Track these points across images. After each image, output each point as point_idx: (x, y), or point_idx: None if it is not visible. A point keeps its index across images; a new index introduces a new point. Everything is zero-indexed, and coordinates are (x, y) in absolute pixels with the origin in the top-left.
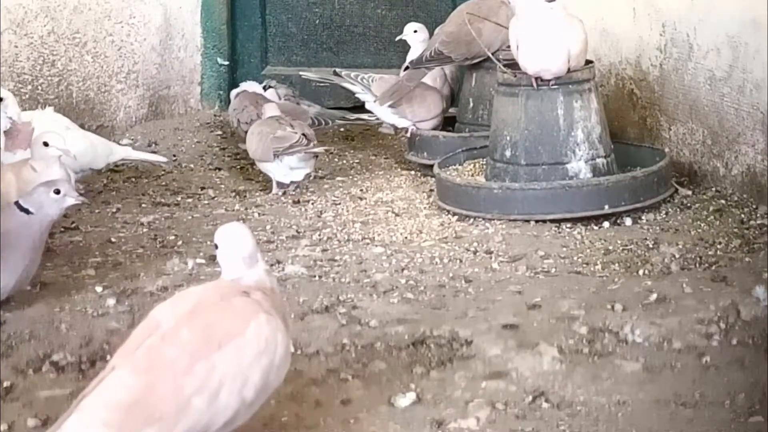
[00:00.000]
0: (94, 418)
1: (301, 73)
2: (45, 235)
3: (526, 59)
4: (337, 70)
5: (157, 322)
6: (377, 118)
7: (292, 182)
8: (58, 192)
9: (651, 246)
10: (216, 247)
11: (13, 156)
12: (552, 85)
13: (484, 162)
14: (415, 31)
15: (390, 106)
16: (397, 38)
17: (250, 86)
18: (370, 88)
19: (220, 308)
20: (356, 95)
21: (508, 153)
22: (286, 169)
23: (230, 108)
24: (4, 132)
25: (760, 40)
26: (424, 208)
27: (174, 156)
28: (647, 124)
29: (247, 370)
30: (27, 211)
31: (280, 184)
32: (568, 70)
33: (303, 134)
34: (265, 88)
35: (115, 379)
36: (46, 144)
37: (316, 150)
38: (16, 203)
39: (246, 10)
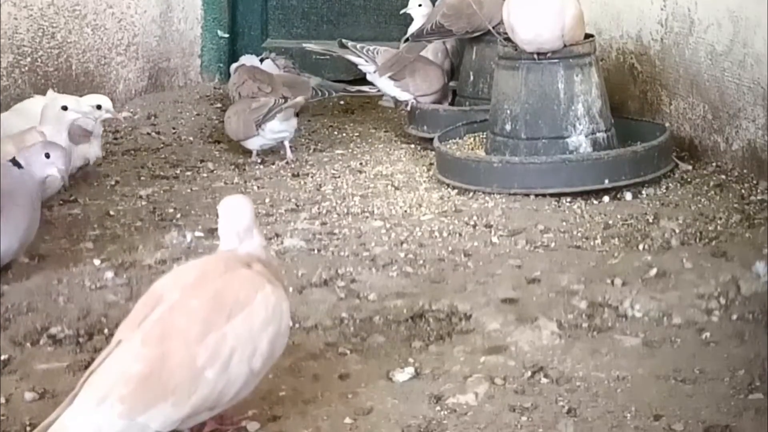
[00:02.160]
0: (108, 393)
1: (304, 44)
2: (39, 194)
3: (519, 38)
4: (343, 41)
5: (159, 295)
6: (378, 90)
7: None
8: (48, 156)
9: (651, 221)
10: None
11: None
12: (552, 59)
13: (485, 136)
14: (420, 5)
15: (393, 78)
16: (402, 11)
17: (249, 60)
18: (375, 59)
19: (227, 279)
20: (359, 67)
21: (508, 127)
22: (270, 136)
23: (230, 82)
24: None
25: (760, 14)
26: (424, 181)
27: (173, 129)
28: (648, 99)
29: (256, 340)
30: (19, 165)
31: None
32: (565, 45)
33: (278, 98)
34: (261, 60)
35: (126, 352)
36: (65, 108)
37: (292, 103)
38: (12, 159)
39: None
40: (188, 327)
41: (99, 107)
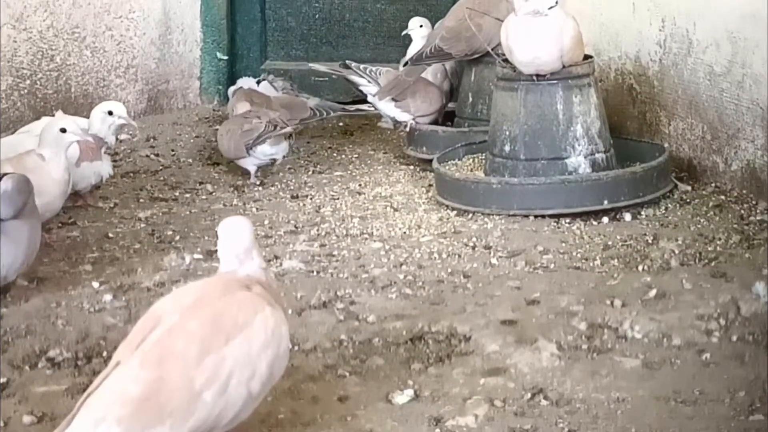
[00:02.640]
0: (105, 415)
1: (310, 65)
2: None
3: (518, 59)
4: (347, 62)
5: (158, 317)
6: (378, 111)
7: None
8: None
9: (650, 241)
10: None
11: (76, 169)
12: (551, 80)
13: (483, 157)
14: (421, 26)
15: (393, 99)
16: (403, 33)
17: (246, 82)
18: (378, 80)
19: (226, 301)
20: (361, 87)
21: (507, 148)
22: (262, 158)
23: (229, 105)
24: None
25: (759, 34)
26: (423, 203)
27: (172, 151)
28: (647, 119)
29: (255, 362)
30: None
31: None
32: (564, 66)
33: (268, 121)
34: (258, 83)
35: (124, 373)
36: (63, 130)
37: (282, 132)
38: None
39: (245, 4)
40: (186, 349)
41: (110, 113)
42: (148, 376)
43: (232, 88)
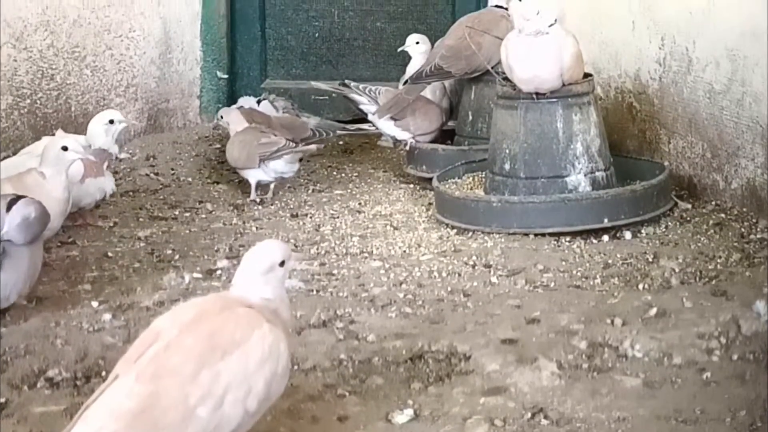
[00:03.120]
0: (101, 428)
1: (311, 82)
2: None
3: (518, 78)
4: (346, 81)
5: (158, 332)
6: (377, 129)
7: (275, 181)
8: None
9: (651, 260)
10: None
11: (81, 186)
12: (551, 98)
13: (483, 175)
14: (417, 43)
15: (393, 118)
16: (399, 49)
17: (246, 102)
18: (377, 99)
19: (224, 317)
20: (360, 106)
21: (507, 166)
22: (271, 174)
23: (224, 124)
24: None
25: (759, 52)
26: (423, 221)
27: (172, 170)
28: (647, 137)
29: (251, 379)
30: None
31: (261, 187)
32: (564, 84)
33: (290, 139)
34: (258, 102)
35: (120, 387)
36: (65, 148)
37: (304, 149)
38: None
39: (245, 23)
40: (182, 365)
41: (111, 122)
42: (142, 391)
43: (233, 108)
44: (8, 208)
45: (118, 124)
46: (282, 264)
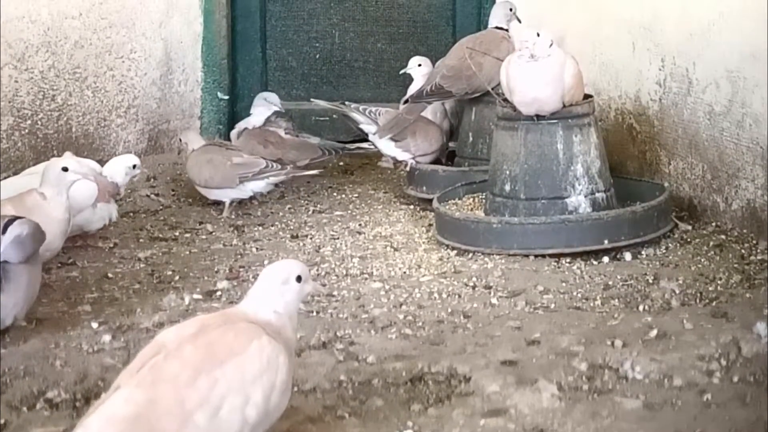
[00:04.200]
0: None
1: (312, 100)
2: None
3: (519, 100)
4: (345, 102)
5: (160, 345)
6: (377, 149)
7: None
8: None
9: (651, 281)
10: None
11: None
12: (551, 119)
13: (484, 196)
14: (420, 65)
15: (393, 138)
16: (402, 71)
17: (247, 123)
18: (377, 120)
19: (223, 330)
20: (360, 126)
21: (507, 187)
22: (248, 193)
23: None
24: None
25: (759, 74)
26: (423, 242)
27: (173, 191)
28: (647, 159)
29: (249, 388)
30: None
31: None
32: (564, 105)
33: (275, 160)
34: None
35: (119, 396)
36: (65, 169)
37: (287, 173)
38: (11, 218)
39: (246, 45)
40: (179, 371)
41: (134, 167)
42: (140, 397)
43: (234, 132)
44: (4, 230)
45: (137, 170)
46: (299, 280)
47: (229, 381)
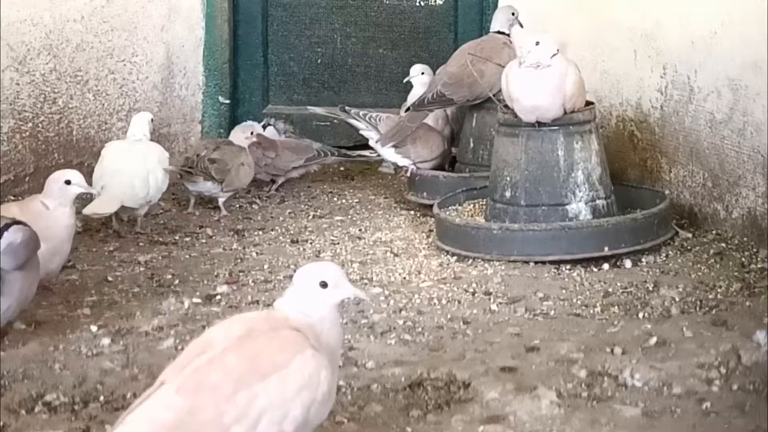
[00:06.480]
0: None
1: (309, 107)
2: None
3: (520, 107)
4: (346, 107)
5: (209, 342)
6: (378, 156)
7: None
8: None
9: (651, 289)
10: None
11: None
12: (552, 126)
13: (484, 202)
14: (422, 73)
15: (394, 145)
16: (405, 80)
17: (247, 128)
18: (377, 126)
19: (268, 338)
20: (360, 132)
21: (508, 193)
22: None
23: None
24: None
25: (760, 82)
26: (423, 248)
27: (173, 195)
28: (648, 166)
29: (289, 404)
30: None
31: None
32: (565, 112)
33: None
34: (264, 127)
35: (161, 397)
36: (68, 182)
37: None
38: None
39: (248, 49)
40: (220, 383)
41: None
42: (181, 404)
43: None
44: (0, 234)
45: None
46: (331, 284)
47: (269, 396)
